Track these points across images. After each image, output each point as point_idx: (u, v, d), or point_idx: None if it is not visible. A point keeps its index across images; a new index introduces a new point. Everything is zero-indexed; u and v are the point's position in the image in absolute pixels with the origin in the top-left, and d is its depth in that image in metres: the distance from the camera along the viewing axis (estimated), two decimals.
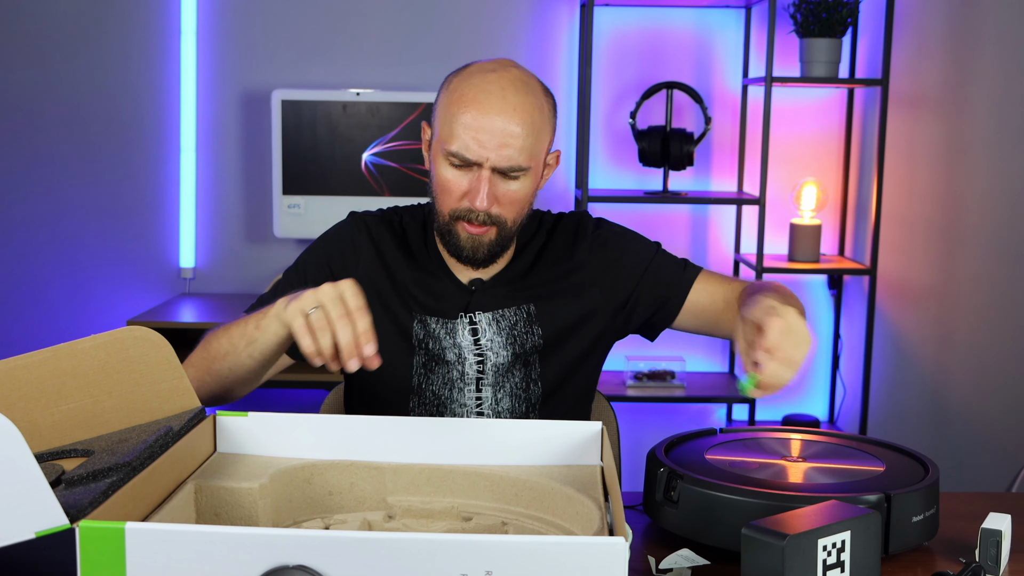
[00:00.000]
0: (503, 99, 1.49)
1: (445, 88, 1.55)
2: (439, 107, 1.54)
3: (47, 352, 1.13)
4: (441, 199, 1.54)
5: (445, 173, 1.52)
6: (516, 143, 1.48)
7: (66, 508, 0.90)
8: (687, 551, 1.23)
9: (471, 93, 1.49)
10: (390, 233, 1.65)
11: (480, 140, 1.48)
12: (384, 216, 1.68)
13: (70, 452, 1.11)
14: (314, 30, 3.18)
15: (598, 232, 1.67)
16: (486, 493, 1.23)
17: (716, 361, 3.32)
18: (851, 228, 3.28)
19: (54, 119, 3.19)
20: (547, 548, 0.90)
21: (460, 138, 1.48)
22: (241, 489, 1.14)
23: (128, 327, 1.17)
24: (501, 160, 1.49)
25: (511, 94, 1.49)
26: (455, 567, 0.90)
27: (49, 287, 3.24)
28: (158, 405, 1.20)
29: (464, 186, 1.51)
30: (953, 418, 3.31)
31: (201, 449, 1.21)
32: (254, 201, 3.22)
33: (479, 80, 1.50)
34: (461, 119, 1.48)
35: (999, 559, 1.21)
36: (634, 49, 3.20)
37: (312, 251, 1.67)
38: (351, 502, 1.23)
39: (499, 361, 1.59)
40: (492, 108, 1.48)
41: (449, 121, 1.50)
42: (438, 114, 1.54)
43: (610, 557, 0.89)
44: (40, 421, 1.13)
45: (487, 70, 1.52)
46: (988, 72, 3.19)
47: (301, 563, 0.89)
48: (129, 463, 1.03)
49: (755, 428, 1.54)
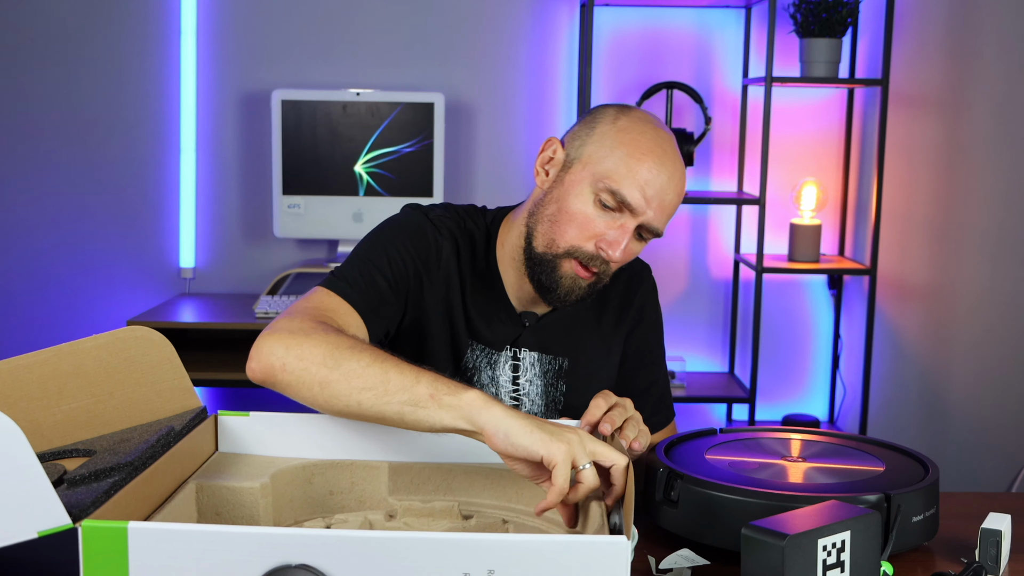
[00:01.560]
0: (675, 164, 1.43)
1: (607, 121, 1.45)
2: (598, 137, 1.44)
3: (48, 352, 1.13)
4: (564, 230, 1.43)
5: (585, 208, 1.41)
6: (670, 210, 1.44)
7: (68, 508, 0.90)
8: (687, 551, 1.23)
9: (648, 144, 1.42)
10: (466, 242, 1.52)
11: (647, 195, 1.40)
12: (459, 221, 1.54)
13: (71, 452, 1.11)
14: (314, 30, 3.18)
15: (654, 305, 1.64)
16: (486, 491, 1.23)
17: (716, 361, 3.33)
18: (851, 228, 3.28)
19: (54, 119, 3.19)
20: (549, 547, 0.89)
21: (630, 183, 1.39)
22: (243, 489, 1.14)
23: (129, 327, 1.17)
24: (654, 220, 1.42)
25: (677, 164, 1.44)
26: (457, 566, 0.90)
27: (49, 287, 3.24)
28: (159, 405, 1.20)
29: (600, 229, 1.41)
30: (953, 418, 3.31)
31: (203, 449, 1.21)
32: (254, 201, 3.22)
33: (654, 134, 1.43)
34: (637, 166, 1.40)
35: (999, 559, 1.21)
36: (634, 49, 3.20)
37: (393, 238, 1.48)
38: (352, 502, 1.23)
39: (533, 410, 1.53)
40: (666, 169, 1.41)
41: (618, 160, 1.41)
42: (594, 143, 1.44)
43: (612, 556, 0.89)
44: (41, 421, 1.13)
45: (656, 124, 1.45)
46: (988, 72, 3.19)
47: (304, 562, 0.89)
48: (131, 463, 1.03)
49: (755, 428, 1.54)
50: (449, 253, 1.49)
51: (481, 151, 3.24)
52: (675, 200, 1.44)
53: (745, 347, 3.29)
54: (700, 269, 3.30)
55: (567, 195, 1.43)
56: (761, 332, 3.14)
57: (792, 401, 3.33)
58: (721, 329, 3.32)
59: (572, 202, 1.42)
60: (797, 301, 3.32)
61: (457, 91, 3.20)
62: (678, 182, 1.44)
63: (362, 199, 3.03)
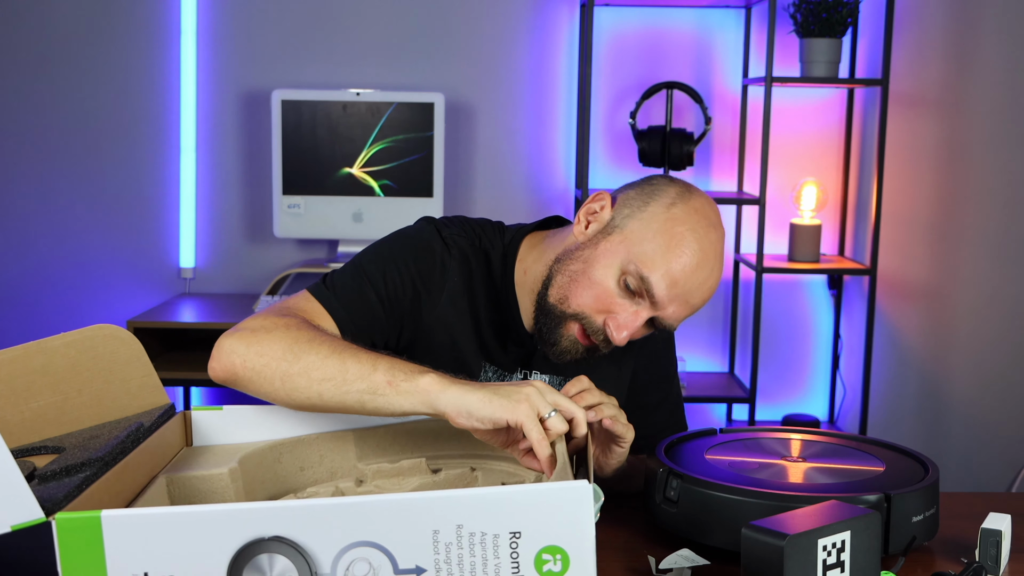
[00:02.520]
0: (712, 268, 1.38)
1: (662, 203, 1.39)
2: (648, 217, 1.38)
3: (17, 350, 1.14)
4: (581, 294, 1.38)
5: (608, 281, 1.37)
6: (688, 312, 1.39)
7: (41, 503, 0.91)
8: (687, 551, 1.23)
9: (694, 242, 1.36)
10: (479, 262, 1.48)
11: (672, 292, 1.35)
12: (472, 239, 1.49)
13: (40, 449, 1.12)
14: (314, 30, 3.18)
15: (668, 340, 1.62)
16: (451, 443, 1.25)
17: (716, 361, 3.33)
18: (851, 228, 3.28)
19: (54, 120, 3.19)
20: (513, 497, 0.91)
21: (660, 276, 1.35)
22: (212, 476, 1.15)
23: (98, 325, 1.18)
24: (670, 317, 1.38)
25: (718, 265, 1.39)
26: (426, 524, 0.91)
27: (49, 287, 3.24)
28: (128, 402, 1.20)
29: (613, 307, 1.37)
30: (953, 418, 3.31)
31: (173, 444, 1.22)
32: (254, 201, 3.22)
33: (704, 232, 1.37)
34: (675, 261, 1.35)
35: (999, 559, 1.21)
36: (634, 49, 3.20)
37: (396, 254, 1.45)
38: (324, 474, 1.25)
39: None
40: (702, 272, 1.36)
41: (657, 248, 1.36)
42: (641, 221, 1.38)
43: (575, 502, 0.91)
44: (10, 418, 1.13)
45: (710, 220, 1.39)
46: (988, 72, 3.19)
47: (276, 534, 0.90)
48: (101, 458, 1.04)
49: (755, 428, 1.53)
50: (457, 273, 1.46)
51: (481, 151, 3.24)
52: (700, 303, 1.39)
53: (745, 347, 3.29)
54: None
55: (596, 261, 1.38)
56: (761, 332, 3.14)
57: (792, 401, 3.33)
58: (721, 329, 3.32)
59: (598, 270, 1.38)
60: (797, 301, 3.32)
61: (457, 91, 3.20)
62: (710, 287, 1.39)
63: (362, 199, 3.03)
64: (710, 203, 1.41)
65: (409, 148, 3.02)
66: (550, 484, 0.92)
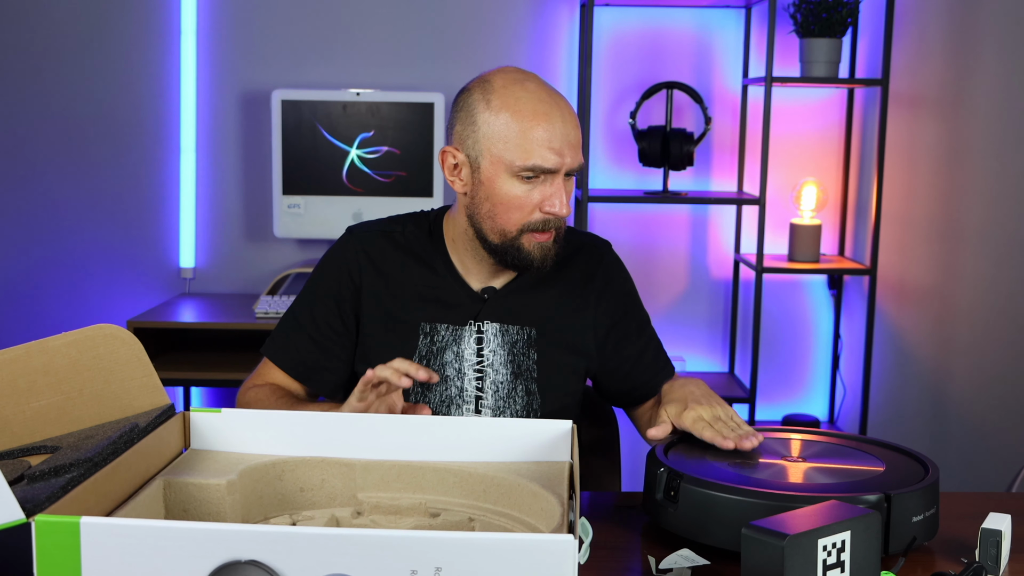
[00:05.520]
0: (558, 106, 1.52)
1: (479, 107, 1.54)
2: (483, 127, 1.53)
3: (18, 349, 1.14)
4: (508, 216, 1.53)
5: (514, 190, 1.52)
6: (578, 143, 1.53)
7: (23, 503, 0.92)
8: (687, 551, 1.23)
9: (528, 107, 1.51)
10: (391, 245, 1.65)
11: (556, 149, 1.50)
12: (383, 228, 1.68)
13: (39, 449, 1.12)
14: (314, 30, 3.18)
15: (620, 276, 1.72)
16: (455, 489, 1.24)
17: (716, 361, 3.33)
18: (851, 228, 3.28)
19: (54, 120, 3.19)
20: (496, 545, 0.90)
21: (536, 152, 1.49)
22: (210, 485, 1.15)
23: (98, 325, 1.18)
24: (575, 163, 1.52)
25: (559, 99, 1.53)
26: (405, 564, 0.90)
27: (49, 287, 3.24)
28: (128, 402, 1.21)
29: (536, 198, 1.52)
30: (953, 418, 3.31)
31: (171, 445, 1.22)
32: (254, 201, 3.23)
33: (523, 93, 1.52)
34: (532, 134, 1.50)
35: (999, 559, 1.21)
36: (634, 49, 3.20)
37: (316, 285, 1.67)
38: (322, 498, 1.24)
39: (498, 379, 1.59)
40: (556, 117, 1.51)
41: (514, 140, 1.50)
42: (484, 135, 1.53)
43: (559, 555, 0.90)
44: (11, 417, 1.14)
45: (520, 80, 1.54)
46: (988, 72, 3.19)
47: (253, 558, 0.90)
48: (91, 459, 1.04)
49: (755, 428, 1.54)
50: (364, 262, 1.63)
51: None
52: (577, 132, 1.53)
53: (745, 347, 3.29)
54: (700, 269, 3.30)
55: (493, 189, 1.53)
56: (761, 332, 3.14)
57: (792, 401, 3.33)
58: (721, 329, 3.33)
59: (502, 192, 1.52)
60: (797, 301, 3.32)
61: (457, 91, 3.20)
62: (569, 117, 1.52)
63: (362, 199, 3.03)
64: (507, 70, 1.56)
65: (409, 148, 3.02)
66: (535, 536, 0.90)
